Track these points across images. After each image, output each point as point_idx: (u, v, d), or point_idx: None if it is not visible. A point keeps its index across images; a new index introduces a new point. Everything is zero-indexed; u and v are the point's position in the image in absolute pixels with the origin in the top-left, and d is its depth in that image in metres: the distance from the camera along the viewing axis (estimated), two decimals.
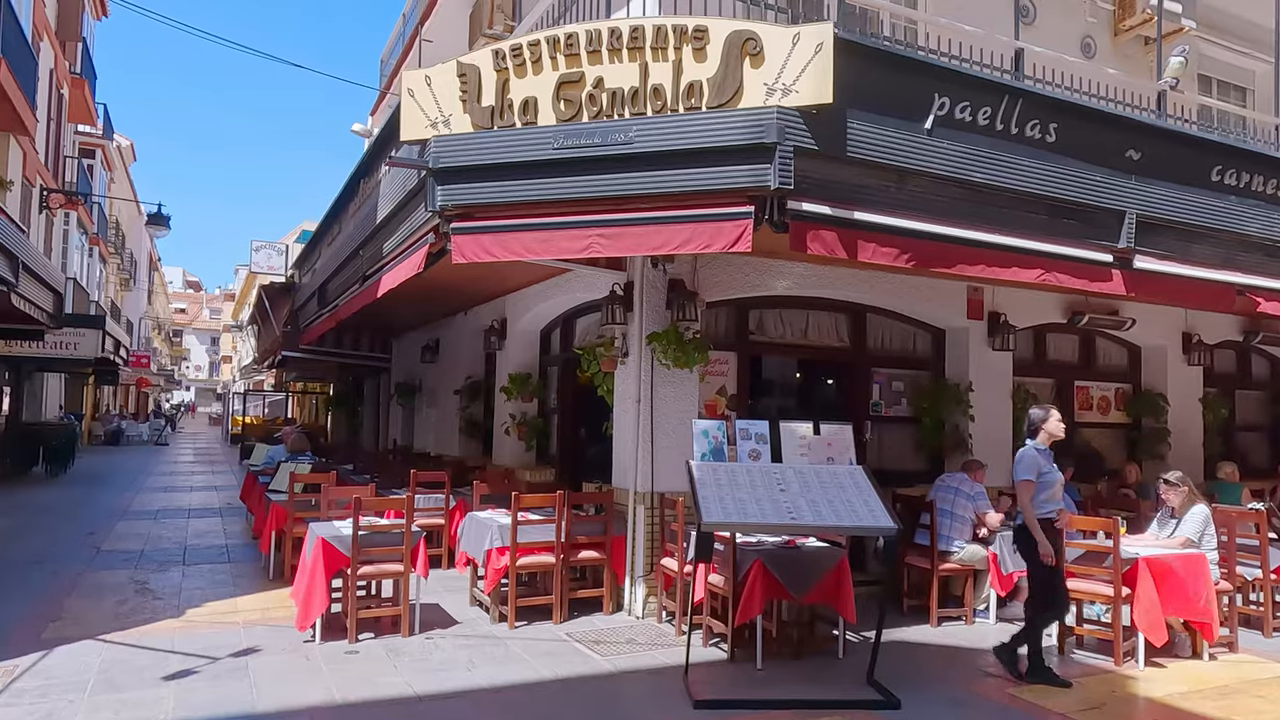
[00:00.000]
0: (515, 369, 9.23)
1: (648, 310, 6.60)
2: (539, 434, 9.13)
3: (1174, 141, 6.62)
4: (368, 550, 5.60)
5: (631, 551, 6.47)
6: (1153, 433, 9.14)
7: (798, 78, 5.04)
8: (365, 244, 8.17)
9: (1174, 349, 9.31)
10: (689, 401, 6.69)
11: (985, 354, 8.05)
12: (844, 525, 4.68)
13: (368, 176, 8.22)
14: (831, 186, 5.24)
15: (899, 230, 5.45)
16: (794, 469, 5.07)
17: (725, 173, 5.11)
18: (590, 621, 6.20)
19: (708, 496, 4.70)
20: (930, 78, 5.53)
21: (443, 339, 11.99)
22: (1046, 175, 5.97)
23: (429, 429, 12.57)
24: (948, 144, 5.58)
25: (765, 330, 7.44)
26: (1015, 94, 5.82)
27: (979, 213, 5.77)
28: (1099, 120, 6.24)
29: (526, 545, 6.06)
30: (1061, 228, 6.11)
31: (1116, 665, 5.43)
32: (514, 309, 9.36)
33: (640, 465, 6.46)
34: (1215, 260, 6.84)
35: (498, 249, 5.54)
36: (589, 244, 5.35)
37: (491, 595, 6.08)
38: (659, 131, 5.20)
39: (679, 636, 5.84)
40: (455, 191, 5.65)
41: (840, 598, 5.40)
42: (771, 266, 7.07)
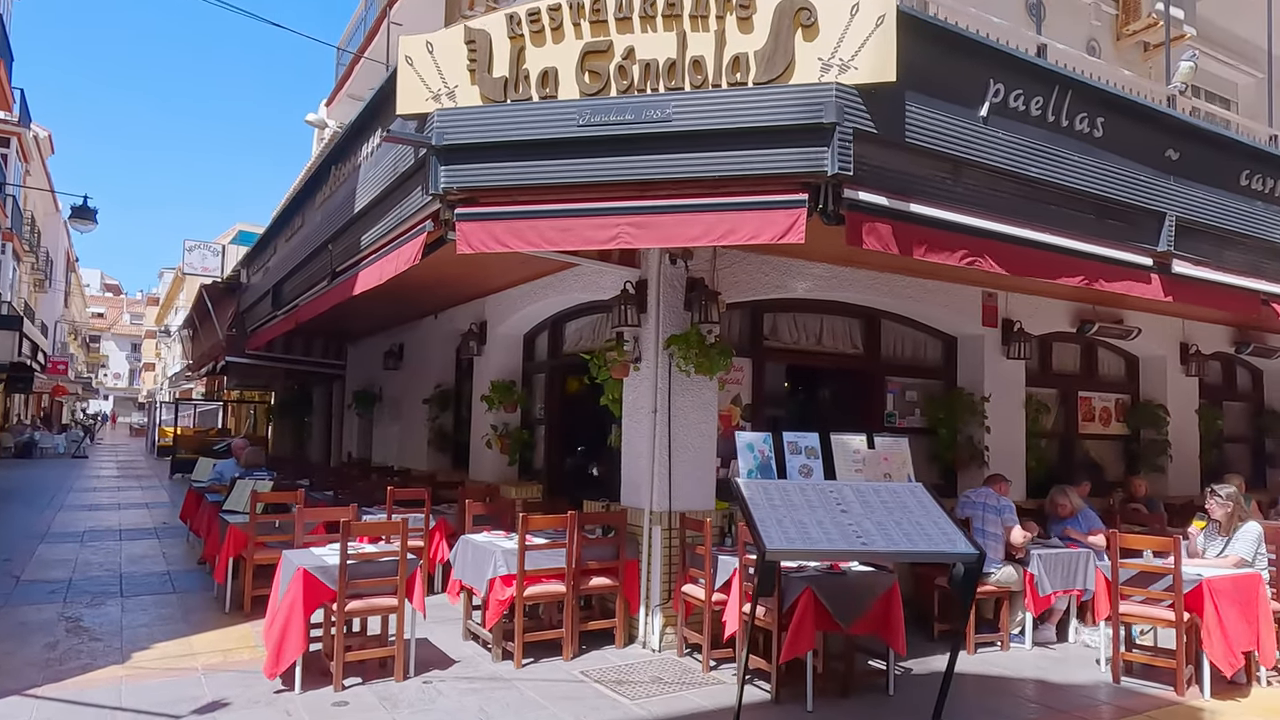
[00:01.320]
0: (497, 376, 8.52)
1: (665, 310, 6.01)
2: (523, 447, 8.43)
3: (1208, 144, 6.39)
4: (356, 582, 4.85)
5: (646, 578, 5.85)
6: (1153, 444, 8.98)
7: (856, 53, 4.55)
8: (337, 237, 7.36)
9: (1172, 359, 9.18)
10: (708, 411, 6.13)
11: (1000, 363, 7.73)
12: (921, 551, 4.17)
13: (340, 163, 7.44)
14: (887, 175, 4.77)
15: (954, 226, 5.03)
16: (851, 487, 4.54)
17: (775, 155, 4.59)
18: (603, 657, 5.56)
19: (765, 520, 4.12)
20: (987, 62, 5.13)
21: (408, 344, 11.16)
22: (1094, 172, 5.64)
23: (390, 441, 11.69)
24: (1003, 134, 5.19)
25: (779, 335, 6.94)
26: (1066, 84, 5.47)
27: (1031, 210, 5.39)
28: (1142, 117, 5.95)
29: (534, 573, 5.39)
30: (1106, 229, 5.79)
31: (1180, 695, 5.06)
32: (496, 311, 8.65)
33: (657, 482, 5.86)
34: (1243, 267, 6.63)
35: (510, 238, 4.89)
36: (617, 234, 4.75)
37: (494, 629, 5.38)
38: (701, 108, 4.65)
39: (707, 673, 5.25)
40: (461, 172, 4.98)
41: (889, 627, 4.90)
42: (791, 267, 6.58)
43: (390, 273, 5.84)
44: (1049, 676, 5.46)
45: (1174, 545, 5.16)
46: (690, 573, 5.64)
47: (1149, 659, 5.48)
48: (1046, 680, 5.36)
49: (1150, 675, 5.39)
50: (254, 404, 24.60)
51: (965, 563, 4.14)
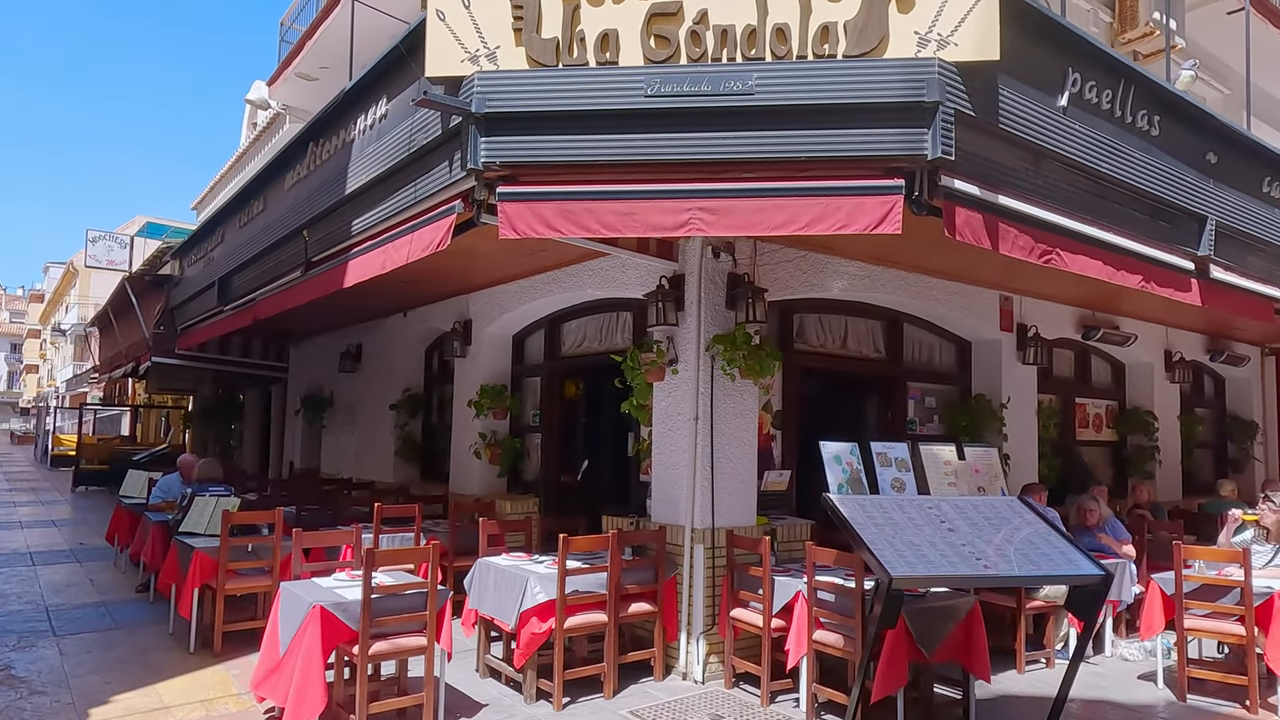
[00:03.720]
0: (486, 380, 7.81)
1: (707, 309, 5.51)
2: (515, 456, 7.74)
3: (1240, 149, 6.34)
4: (380, 620, 4.13)
5: (688, 602, 5.31)
6: (1142, 450, 9.03)
7: (956, 28, 4.17)
8: (316, 222, 6.53)
9: (1158, 367, 9.28)
10: (749, 419, 5.66)
11: (1015, 368, 7.56)
12: (1045, 575, 3.81)
13: (321, 139, 6.62)
14: (978, 163, 4.41)
15: (1034, 220, 4.72)
16: (949, 502, 4.15)
17: (869, 136, 4.15)
18: (645, 692, 4.99)
19: (877, 542, 3.67)
20: (1068, 50, 4.85)
21: (369, 344, 10.26)
22: (1152, 171, 5.46)
23: (345, 450, 10.72)
24: (1078, 127, 4.92)
25: (806, 338, 6.53)
26: (1132, 79, 5.27)
27: (1099, 208, 5.15)
28: (1190, 119, 5.83)
29: (573, 601, 4.78)
30: (1157, 230, 5.62)
31: (1251, 713, 4.89)
32: (483, 309, 7.94)
33: (699, 496, 5.34)
34: (1263, 274, 6.63)
35: (562, 222, 4.29)
36: (688, 219, 4.22)
37: (525, 667, 4.73)
38: (787, 81, 4.17)
39: (767, 708, 4.75)
40: (505, 145, 4.36)
41: (972, 653, 4.52)
42: (829, 265, 6.19)
43: (399, 261, 5.13)
44: (1111, 695, 5.21)
45: (1244, 557, 5.00)
46: (740, 595, 5.13)
47: (1214, 675, 5.28)
48: (1111, 700, 5.11)
49: (1210, 691, 5.21)
50: (166, 409, 22.67)
51: (1090, 585, 3.79)
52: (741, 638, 5.17)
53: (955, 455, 4.43)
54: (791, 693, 4.88)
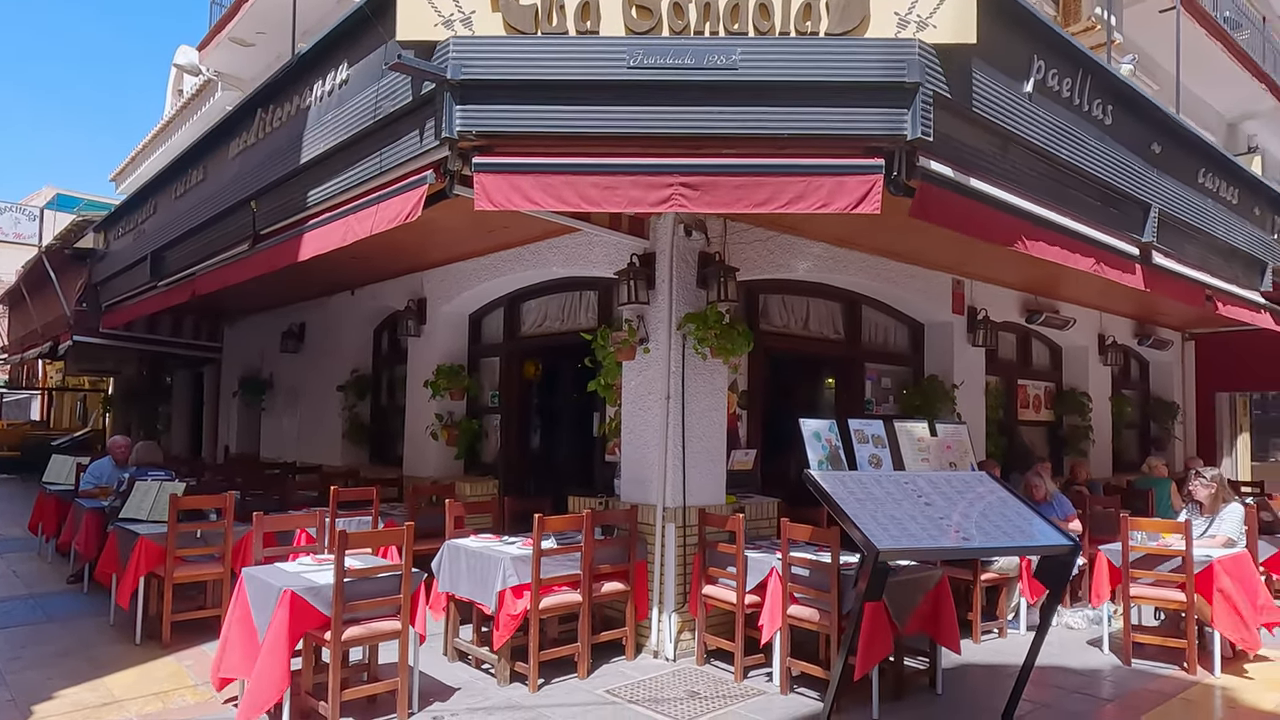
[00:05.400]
0: (442, 360, 7.62)
1: (678, 287, 5.48)
2: (473, 438, 7.59)
3: (1179, 141, 6.63)
4: (353, 604, 3.99)
5: (660, 580, 5.31)
6: (1076, 430, 9.45)
7: (935, 10, 4.21)
8: (266, 192, 6.22)
9: (1092, 350, 9.70)
10: (719, 398, 5.67)
11: (966, 350, 7.78)
12: (1019, 546, 3.93)
13: (269, 106, 6.29)
14: (952, 146, 4.48)
15: (1001, 204, 4.83)
16: (924, 477, 4.24)
17: (851, 115, 4.17)
18: (619, 671, 4.97)
19: (861, 516, 3.72)
20: (1034, 37, 4.96)
21: (313, 323, 9.89)
22: (1104, 159, 5.66)
23: (287, 433, 10.34)
24: (1042, 113, 5.05)
25: (770, 319, 6.57)
26: (1089, 69, 5.43)
27: (1057, 192, 5.30)
28: (1139, 108, 6.05)
29: (547, 581, 4.71)
30: (1107, 216, 5.84)
31: (1190, 674, 5.17)
32: (439, 287, 7.73)
33: (670, 476, 5.33)
34: (1197, 260, 6.98)
35: (541, 195, 4.19)
36: (669, 195, 4.17)
37: (501, 649, 4.65)
38: (770, 57, 4.15)
39: (741, 683, 4.80)
40: (481, 114, 4.22)
41: (941, 625, 4.66)
42: (795, 245, 6.23)
43: (362, 233, 4.93)
44: (1063, 662, 5.43)
45: (1186, 528, 5.27)
46: (711, 573, 5.16)
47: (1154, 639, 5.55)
48: (1064, 666, 5.33)
49: (1150, 655, 5.48)
50: (84, 392, 21.47)
51: (1060, 554, 3.93)
52: (713, 614, 5.19)
53: (928, 432, 4.53)
54: (764, 667, 4.94)
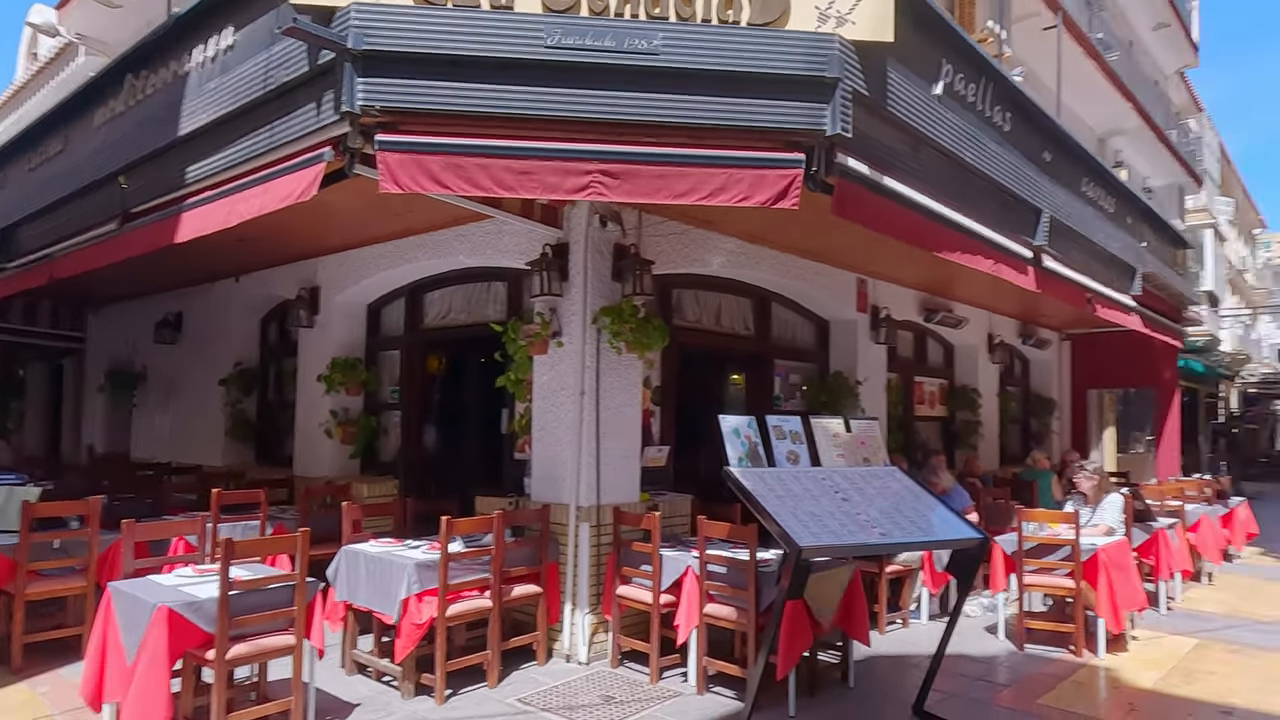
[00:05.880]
0: (337, 352, 7.18)
1: (593, 279, 5.32)
2: (370, 435, 7.19)
3: (1067, 151, 6.99)
4: (240, 619, 3.64)
5: (573, 582, 5.15)
6: (968, 425, 9.89)
7: (854, 6, 4.22)
8: (138, 166, 5.64)
9: (982, 349, 10.17)
10: (634, 394, 5.55)
11: (869, 347, 7.97)
12: (934, 540, 3.98)
13: (142, 71, 5.68)
14: (869, 144, 4.52)
15: (912, 203, 4.93)
16: (840, 473, 4.25)
17: (773, 108, 4.13)
18: (530, 678, 4.78)
19: (781, 513, 3.68)
20: (943, 41, 5.08)
21: (191, 312, 9.15)
22: (1004, 164, 5.88)
23: (161, 431, 9.53)
24: (950, 116, 5.18)
25: (684, 314, 6.52)
26: (991, 76, 5.63)
27: (962, 194, 5.46)
28: (1034, 118, 6.34)
29: (455, 587, 4.47)
30: (1005, 219, 6.08)
31: (1078, 656, 5.45)
32: (334, 275, 7.28)
33: (584, 474, 5.17)
34: (1081, 265, 7.39)
35: (451, 177, 3.95)
36: (588, 183, 4.01)
37: (405, 661, 4.37)
38: (693, 45, 4.06)
39: (657, 684, 4.71)
40: (386, 88, 3.94)
41: (853, 618, 4.70)
42: (710, 240, 6.18)
43: (249, 213, 4.55)
44: (962, 649, 5.60)
45: (1074, 519, 5.54)
46: (625, 572, 5.04)
47: (1045, 625, 5.81)
48: (964, 654, 5.49)
49: (1041, 640, 5.74)
50: None
51: (970, 548, 4.02)
52: (627, 615, 5.08)
53: (843, 428, 4.55)
54: (679, 668, 4.85)
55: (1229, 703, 4.61)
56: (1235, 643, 5.86)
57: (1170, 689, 4.84)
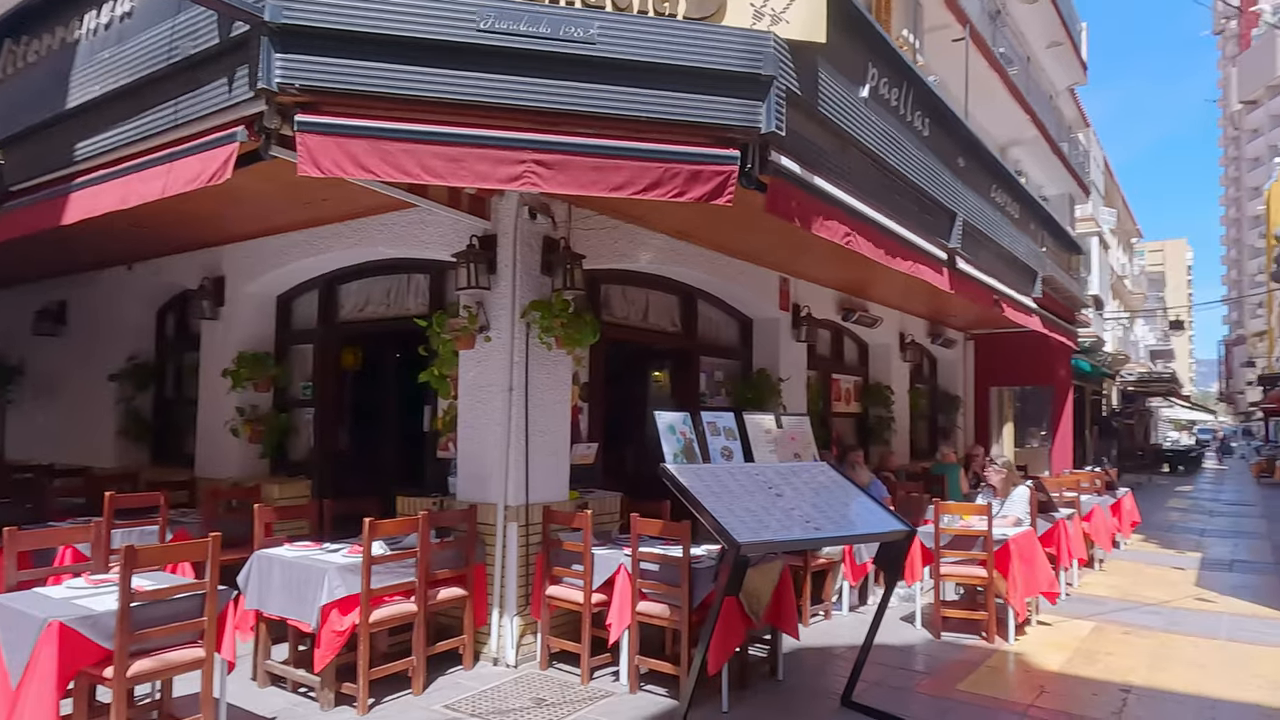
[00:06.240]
0: (244, 346, 6.78)
1: (521, 273, 5.19)
2: (281, 434, 6.82)
3: (978, 158, 7.29)
4: (143, 633, 3.36)
5: (501, 583, 5.01)
6: (881, 420, 10.21)
7: (788, 6, 4.26)
8: (18, 140, 5.13)
9: (894, 347, 10.52)
10: (564, 390, 5.45)
11: (791, 345, 8.11)
12: (865, 534, 4.06)
13: (22, 37, 5.16)
14: (800, 143, 4.56)
15: (840, 203, 5.01)
16: (772, 469, 4.28)
17: (707, 103, 4.11)
18: (456, 683, 4.63)
19: (719, 510, 3.68)
20: (870, 46, 5.18)
21: (77, 302, 8.48)
22: (923, 168, 6.07)
23: (44, 430, 8.80)
24: (875, 119, 5.30)
25: (612, 309, 6.46)
26: (913, 82, 5.79)
27: (884, 195, 5.60)
28: (950, 124, 6.56)
29: (380, 592, 4.28)
30: (924, 221, 6.28)
31: (990, 642, 5.68)
32: (241, 264, 6.87)
33: (513, 472, 5.04)
34: (989, 267, 7.72)
35: (377, 163, 3.78)
36: (521, 172, 3.90)
37: (325, 670, 4.15)
38: (630, 36, 4.00)
39: (588, 685, 4.64)
40: (307, 66, 3.73)
41: (784, 614, 4.75)
42: (638, 236, 6.14)
43: (149, 194, 4.24)
44: (882, 639, 5.64)
45: (988, 511, 5.78)
46: (555, 572, 4.94)
47: (959, 613, 6.03)
48: (884, 644, 5.61)
49: (955, 627, 5.96)
50: None
51: (898, 539, 4.12)
52: (557, 615, 4.99)
53: (775, 424, 4.59)
54: (610, 667, 4.80)
55: (1127, 681, 4.90)
56: (1128, 624, 6.25)
57: (1075, 670, 5.11)
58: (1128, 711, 4.42)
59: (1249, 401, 43.77)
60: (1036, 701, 4.55)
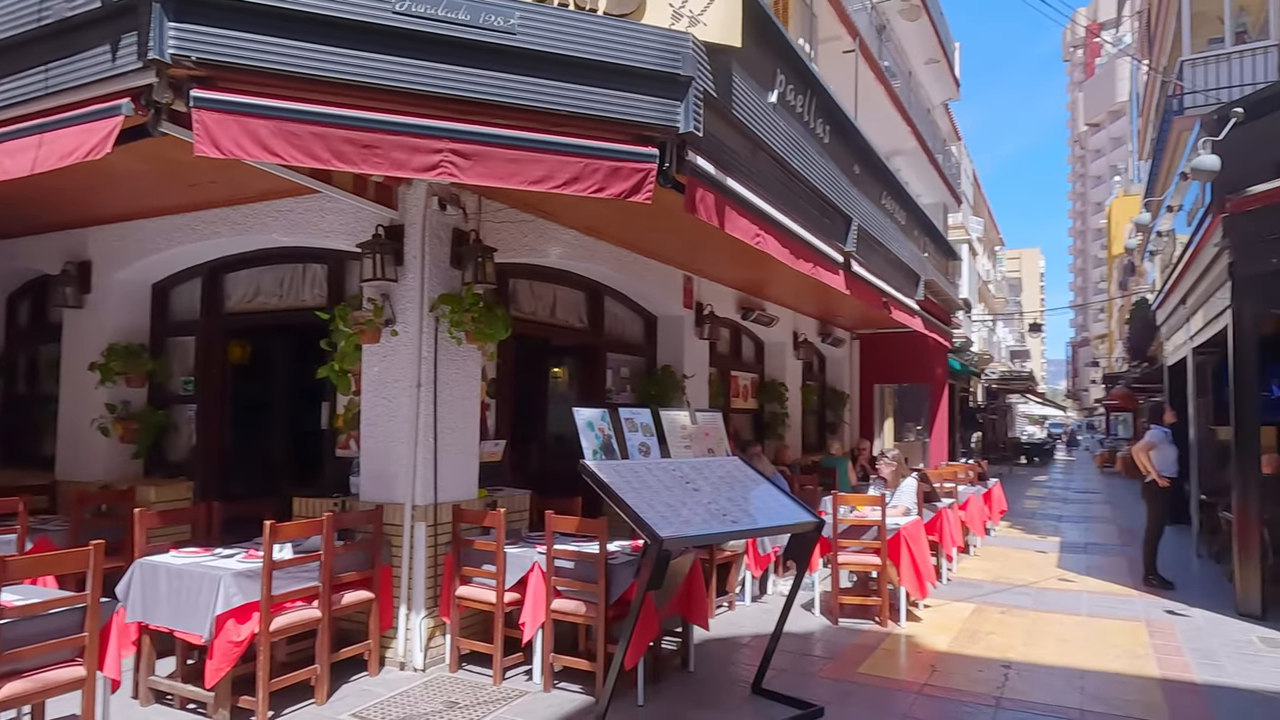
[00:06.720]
0: (115, 338, 6.25)
1: (431, 265, 5.04)
2: (158, 432, 6.34)
3: (870, 165, 7.64)
4: (13, 653, 3.05)
5: (409, 584, 4.85)
6: (776, 416, 10.55)
7: (705, 8, 4.32)
8: None
9: (788, 345, 10.89)
10: (473, 386, 5.33)
11: (694, 343, 8.25)
12: (780, 526, 4.18)
13: None
14: (715, 144, 4.65)
15: (750, 205, 5.13)
16: (688, 464, 4.35)
17: (628, 100, 4.12)
18: (363, 689, 4.45)
19: (640, 505, 3.70)
20: (779, 53, 5.34)
21: None
22: (823, 173, 6.31)
23: None
24: (782, 124, 5.47)
25: (519, 304, 6.36)
26: (816, 89, 6.02)
27: (789, 199, 5.79)
28: (847, 132, 6.85)
29: (281, 598, 4.06)
30: (823, 225, 6.53)
31: (884, 627, 5.98)
32: (111, 249, 6.33)
33: (420, 471, 4.89)
34: (879, 271, 8.12)
35: (283, 145, 3.58)
36: (438, 162, 3.79)
37: (219, 686, 3.89)
38: (551, 28, 3.95)
39: (500, 686, 4.57)
40: (205, 37, 3.49)
41: (694, 605, 4.83)
42: (548, 230, 6.08)
43: (17, 170, 3.87)
44: (787, 628, 5.91)
45: (881, 502, 6.08)
46: (465, 572, 4.83)
47: (854, 600, 6.32)
48: (786, 631, 5.76)
49: (850, 613, 6.23)
50: None
51: (808, 531, 4.27)
52: (467, 616, 4.88)
53: (690, 421, 4.66)
54: (522, 666, 4.74)
55: (1007, 657, 5.28)
56: (1004, 605, 6.73)
57: (961, 649, 5.46)
58: (1009, 685, 4.76)
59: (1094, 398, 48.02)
60: (929, 680, 4.83)
